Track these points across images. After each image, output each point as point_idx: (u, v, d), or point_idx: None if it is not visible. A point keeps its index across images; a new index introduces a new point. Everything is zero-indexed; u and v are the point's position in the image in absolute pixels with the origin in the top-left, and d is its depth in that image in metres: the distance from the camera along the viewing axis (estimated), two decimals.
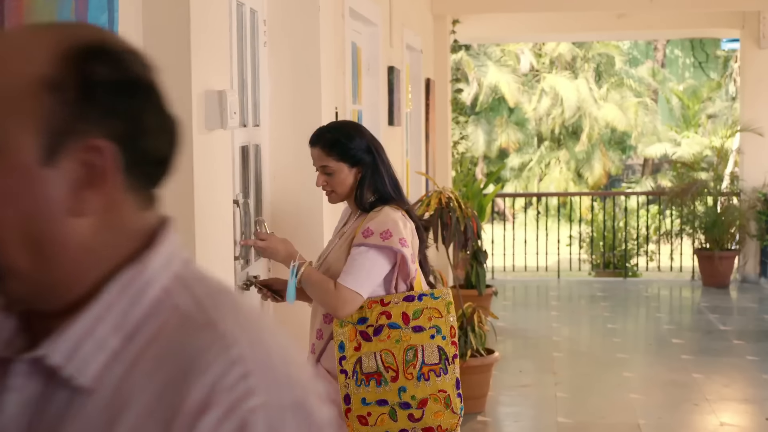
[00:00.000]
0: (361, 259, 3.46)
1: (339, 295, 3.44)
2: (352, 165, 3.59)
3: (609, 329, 9.87)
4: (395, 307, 3.49)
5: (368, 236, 3.47)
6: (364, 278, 3.45)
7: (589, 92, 25.74)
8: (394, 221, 3.49)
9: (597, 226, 14.45)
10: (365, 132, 3.70)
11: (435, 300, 3.52)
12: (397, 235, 3.46)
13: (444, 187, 7.01)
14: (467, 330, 6.81)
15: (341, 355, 3.49)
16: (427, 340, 3.47)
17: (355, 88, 6.58)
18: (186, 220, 2.90)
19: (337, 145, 3.59)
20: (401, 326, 3.48)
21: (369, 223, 3.51)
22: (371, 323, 3.48)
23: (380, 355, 3.47)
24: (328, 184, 3.63)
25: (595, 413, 6.95)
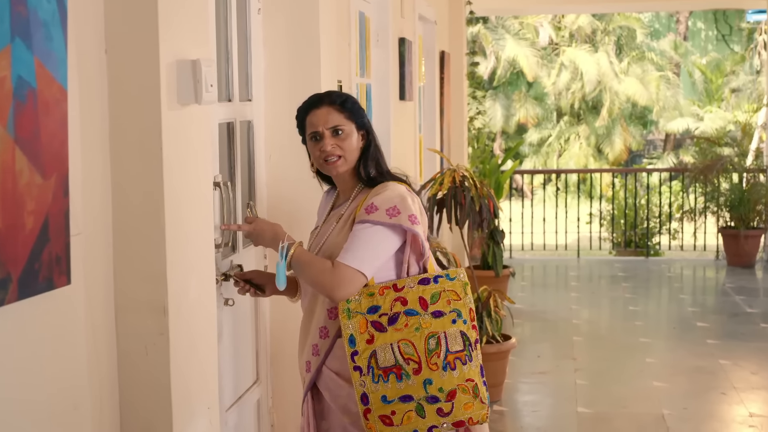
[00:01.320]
0: (363, 235, 3.12)
1: (336, 273, 3.10)
2: (359, 128, 3.30)
3: (630, 311, 9.55)
4: (410, 292, 3.15)
5: (372, 212, 3.14)
6: (366, 255, 3.11)
7: (609, 66, 25.49)
8: (401, 197, 3.17)
9: (618, 204, 14.17)
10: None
11: (451, 281, 3.18)
12: (405, 212, 3.14)
13: (458, 165, 6.67)
14: (482, 315, 6.53)
15: (353, 350, 3.13)
16: (449, 325, 3.13)
17: (363, 60, 6.25)
18: (153, 205, 2.58)
19: (349, 102, 3.29)
20: (419, 312, 3.14)
21: (373, 198, 3.18)
22: (385, 311, 3.14)
23: (398, 346, 3.12)
24: (339, 148, 3.26)
25: (616, 402, 6.63)
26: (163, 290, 2.60)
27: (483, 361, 6.36)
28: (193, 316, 2.81)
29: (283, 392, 4.31)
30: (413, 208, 3.14)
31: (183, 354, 2.73)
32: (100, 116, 2.56)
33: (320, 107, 3.28)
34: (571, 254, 13.16)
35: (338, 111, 3.27)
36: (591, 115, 26.09)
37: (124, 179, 2.59)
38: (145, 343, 2.63)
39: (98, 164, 2.54)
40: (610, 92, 25.31)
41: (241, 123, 3.97)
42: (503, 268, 9.18)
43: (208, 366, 2.95)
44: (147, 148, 2.56)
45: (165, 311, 2.60)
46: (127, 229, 2.61)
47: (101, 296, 2.56)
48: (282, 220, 4.19)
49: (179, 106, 2.68)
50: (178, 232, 2.69)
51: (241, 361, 3.96)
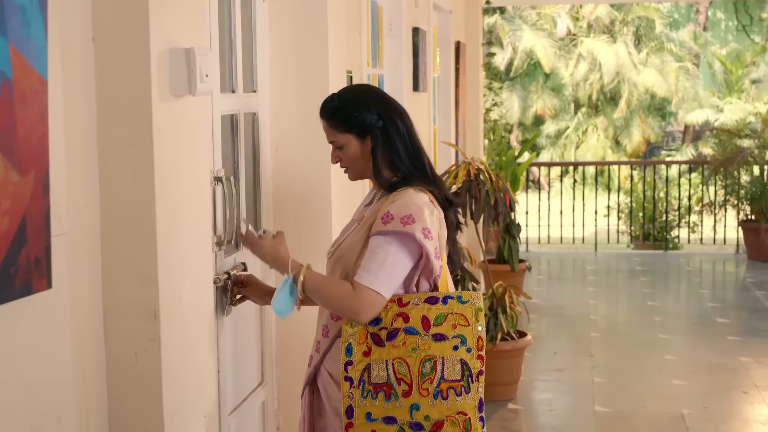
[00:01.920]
0: (381, 253, 2.94)
1: (359, 299, 2.92)
2: (360, 135, 3.10)
3: (649, 307, 9.40)
4: (415, 309, 2.98)
5: (388, 222, 2.96)
6: (386, 275, 2.93)
7: (628, 57, 25.24)
8: (418, 207, 2.98)
9: (636, 196, 14.02)
10: (374, 95, 3.19)
11: (462, 304, 3.00)
12: (420, 224, 2.94)
13: (473, 158, 6.51)
14: (497, 311, 6.40)
15: (347, 359, 2.98)
16: (448, 351, 2.96)
17: (375, 50, 6.08)
18: (144, 202, 2.43)
19: (339, 114, 3.11)
20: (420, 332, 2.97)
21: (390, 206, 3.00)
22: (385, 325, 2.97)
23: (393, 364, 2.97)
24: (342, 161, 3.15)
25: (634, 401, 6.48)
26: (154, 293, 2.45)
27: (498, 359, 6.40)
28: (187, 320, 2.65)
29: (290, 393, 4.16)
30: (429, 220, 2.95)
31: (176, 360, 2.58)
32: (87, 109, 2.40)
33: (321, 120, 3.16)
34: (589, 248, 13.03)
35: (330, 126, 3.13)
36: (609, 107, 25.91)
37: (113, 176, 2.44)
38: (135, 349, 2.47)
39: (84, 160, 2.39)
40: (629, 83, 25.09)
41: (245, 115, 3.81)
42: (519, 262, 9.03)
43: (204, 372, 2.80)
44: (137, 142, 2.41)
45: (156, 315, 2.45)
46: (115, 229, 2.46)
47: (88, 300, 2.41)
48: (289, 215, 4.05)
49: (172, 98, 2.53)
50: (171, 231, 2.54)
51: (245, 362, 3.81)
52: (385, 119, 3.09)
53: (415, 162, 3.10)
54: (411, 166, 3.09)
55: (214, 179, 3.35)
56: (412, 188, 3.04)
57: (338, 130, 3.09)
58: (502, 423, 6.11)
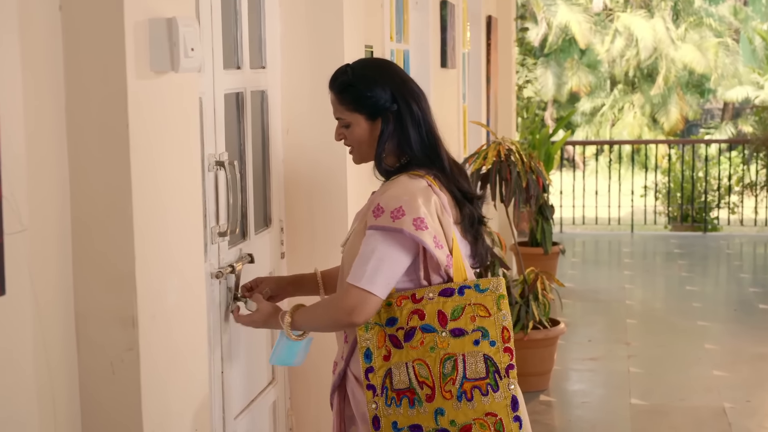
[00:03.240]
0: (371, 247, 2.67)
1: (344, 298, 2.69)
2: (370, 117, 2.80)
3: (687, 292, 9.08)
4: (429, 304, 2.69)
5: (378, 215, 2.68)
6: (376, 273, 2.65)
7: (665, 32, 24.96)
8: (410, 195, 2.68)
9: (674, 176, 13.72)
10: (392, 73, 2.87)
11: (481, 293, 2.70)
12: (411, 214, 2.64)
13: (503, 138, 6.21)
14: (529, 299, 6.13)
15: (368, 366, 2.72)
16: (469, 347, 2.66)
17: (399, 24, 5.79)
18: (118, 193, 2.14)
19: (349, 90, 2.81)
20: (437, 329, 2.68)
21: (380, 197, 2.72)
22: (401, 325, 2.70)
23: (413, 367, 2.69)
24: (347, 140, 2.87)
25: (673, 394, 6.19)
26: (131, 296, 2.16)
27: (529, 348, 6.10)
28: (174, 325, 2.36)
29: (303, 392, 3.89)
30: (423, 209, 2.66)
31: (160, 371, 2.30)
32: (53, 87, 2.11)
33: (330, 91, 2.88)
34: (625, 229, 12.73)
35: (338, 101, 2.85)
36: (646, 84, 25.67)
37: (83, 163, 2.14)
38: (111, 359, 2.19)
39: (50, 146, 2.10)
40: (666, 59, 24.86)
41: (252, 93, 3.52)
42: (553, 244, 8.76)
43: (196, 381, 2.51)
44: (110, 125, 2.11)
45: (134, 321, 2.16)
46: (87, 224, 2.17)
47: (55, 306, 2.12)
48: (301, 203, 3.77)
49: (152, 75, 2.23)
50: (151, 224, 2.25)
51: (254, 361, 3.53)
52: (399, 102, 2.79)
53: (429, 152, 2.79)
54: (423, 157, 2.78)
55: (215, 164, 3.07)
56: (407, 174, 2.75)
57: (347, 107, 2.82)
58: (533, 416, 5.82)
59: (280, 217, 3.78)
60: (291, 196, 3.80)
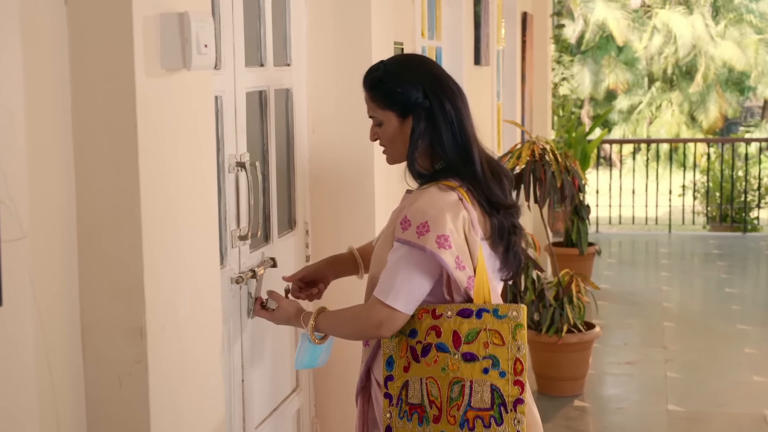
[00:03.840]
0: (394, 264, 2.58)
1: (370, 315, 2.60)
2: (401, 114, 2.68)
3: (726, 294, 8.89)
4: (446, 323, 2.58)
5: (405, 228, 2.56)
6: (402, 289, 2.56)
7: (705, 29, 24.67)
8: (438, 209, 2.56)
9: (713, 175, 13.48)
10: (425, 69, 2.74)
11: (498, 320, 2.56)
12: (435, 231, 2.53)
13: (538, 137, 6.07)
14: (563, 301, 5.98)
15: (388, 374, 2.65)
16: (478, 374, 2.55)
17: (432, 20, 5.66)
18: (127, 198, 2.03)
19: (380, 87, 2.70)
20: (450, 350, 2.57)
21: (408, 209, 2.59)
22: (420, 339, 2.61)
23: (426, 384, 2.60)
24: (380, 139, 2.75)
25: (711, 400, 6.03)
26: (139, 306, 2.05)
27: (563, 352, 5.95)
28: (186, 336, 2.25)
29: (328, 399, 3.78)
30: (449, 226, 2.54)
31: (170, 384, 2.19)
32: (58, 85, 2.00)
33: (363, 89, 2.77)
34: (662, 229, 12.55)
35: (370, 98, 2.74)
36: (684, 81, 25.41)
37: (89, 166, 2.03)
38: (119, 372, 2.08)
39: (55, 148, 1.99)
40: (705, 57, 24.58)
41: (276, 92, 3.41)
42: (588, 245, 8.60)
43: (209, 397, 2.40)
44: (118, 125, 2.00)
45: (142, 333, 2.05)
46: (93, 230, 2.06)
47: (59, 316, 2.01)
48: (327, 204, 3.66)
49: (163, 73, 2.11)
50: (162, 230, 2.13)
51: (278, 367, 3.42)
52: (431, 99, 2.66)
53: (462, 153, 2.65)
54: (456, 158, 2.65)
55: (236, 165, 2.97)
56: (438, 185, 2.62)
57: (378, 104, 2.70)
58: (567, 422, 5.69)
59: (306, 219, 3.67)
60: (317, 197, 3.69)
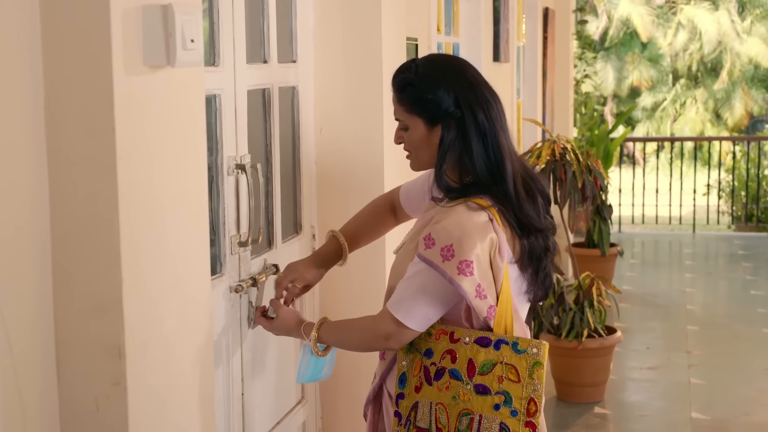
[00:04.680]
0: (413, 277, 2.43)
1: (378, 326, 2.47)
2: (429, 121, 2.48)
3: (752, 297, 8.68)
4: (463, 349, 2.42)
5: (429, 247, 2.39)
6: (411, 305, 2.42)
7: (731, 25, 24.57)
8: (465, 232, 2.37)
9: (738, 174, 13.20)
10: (460, 74, 2.50)
11: (516, 354, 2.39)
12: (459, 256, 2.35)
13: (558, 136, 5.88)
14: (584, 305, 5.80)
15: (400, 391, 2.50)
16: (488, 409, 2.38)
17: (449, 16, 5.50)
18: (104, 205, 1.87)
19: (409, 91, 2.50)
20: (463, 378, 2.41)
21: (434, 227, 2.41)
22: (434, 361, 2.45)
23: (435, 409, 2.44)
24: (405, 144, 2.56)
25: (737, 407, 5.84)
26: (117, 323, 1.89)
27: (584, 358, 5.77)
28: (171, 354, 2.09)
29: (337, 411, 3.62)
30: (476, 250, 2.36)
31: (153, 406, 2.03)
32: (30, 84, 1.85)
33: (392, 88, 2.57)
34: (686, 229, 12.32)
35: (398, 100, 2.54)
36: (709, 78, 25.25)
37: (64, 172, 1.88)
38: (96, 395, 1.92)
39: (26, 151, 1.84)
40: (731, 53, 24.44)
41: (281, 90, 3.25)
42: (610, 246, 8.41)
43: (198, 416, 2.24)
44: (94, 127, 1.84)
45: (120, 352, 1.90)
46: (67, 240, 1.90)
47: (31, 334, 1.86)
48: (335, 208, 3.50)
49: (146, 70, 1.95)
50: (144, 240, 1.98)
51: (281, 379, 3.26)
52: (464, 108, 2.44)
53: (493, 170, 2.45)
54: (486, 174, 2.46)
55: (236, 167, 2.81)
56: (467, 203, 2.43)
57: (405, 108, 2.51)
58: (587, 430, 5.54)
59: (312, 223, 3.51)
60: (324, 200, 3.53)
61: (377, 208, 2.98)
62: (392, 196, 2.97)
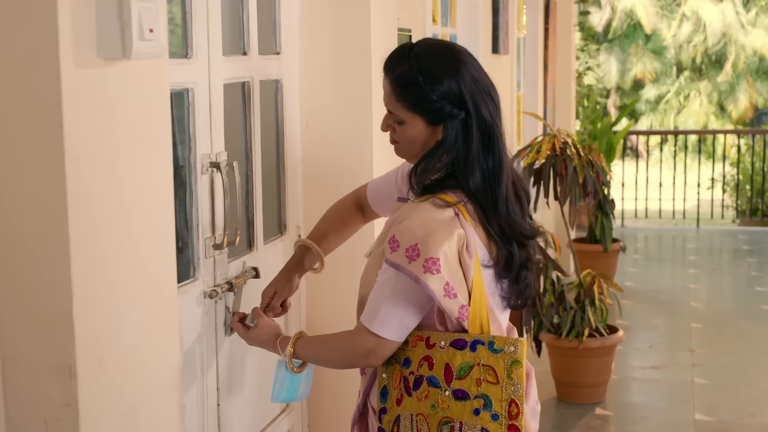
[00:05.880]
0: (383, 285, 2.28)
1: (357, 342, 2.32)
2: (431, 122, 2.30)
3: (757, 293, 8.53)
4: (439, 354, 2.27)
5: (395, 249, 2.23)
6: (387, 315, 2.27)
7: (735, 16, 24.49)
8: (429, 230, 2.22)
9: (743, 167, 13.06)
10: (465, 69, 2.30)
11: (493, 354, 2.24)
12: (425, 254, 2.19)
13: (559, 130, 5.73)
14: (585, 304, 5.65)
15: (382, 406, 2.35)
16: (468, 415, 2.23)
17: (446, 6, 5.35)
18: (51, 210, 1.70)
19: (410, 89, 2.29)
20: (441, 385, 2.26)
21: (397, 228, 2.25)
22: (413, 369, 2.30)
23: (416, 421, 2.29)
24: (396, 133, 2.37)
25: (741, 409, 5.71)
26: (67, 340, 1.73)
27: (584, 358, 5.61)
28: (129, 372, 1.93)
29: (324, 417, 3.46)
30: (442, 247, 2.20)
31: (109, 428, 1.87)
32: None
33: (384, 77, 2.37)
34: (690, 223, 12.17)
35: (396, 96, 2.33)
36: (713, 70, 25.15)
37: (7, 174, 1.72)
38: (45, 417, 1.77)
39: None
40: (736, 45, 24.34)
41: (262, 83, 3.08)
42: (613, 241, 8.26)
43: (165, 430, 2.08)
44: (40, 125, 1.68)
45: (71, 371, 1.74)
46: (11, 250, 1.74)
47: None
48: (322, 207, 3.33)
49: (99, 62, 1.78)
50: (98, 249, 1.81)
51: (263, 387, 3.11)
52: (469, 107, 2.27)
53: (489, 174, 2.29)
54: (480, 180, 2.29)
55: (210, 165, 2.65)
56: (433, 201, 2.28)
57: (405, 105, 2.31)
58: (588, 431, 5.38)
59: (298, 223, 3.35)
60: (311, 199, 3.37)
61: (342, 207, 2.84)
62: (358, 193, 2.83)
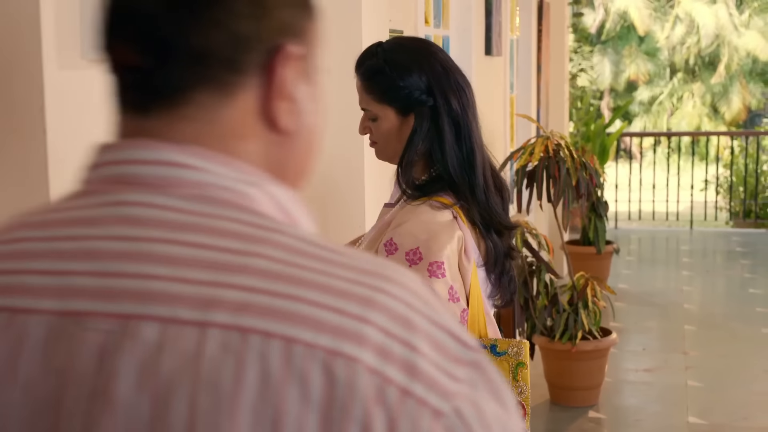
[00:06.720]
0: None
1: None
2: (402, 111, 2.31)
3: (750, 295, 8.53)
4: None
5: (392, 253, 2.20)
6: None
7: (728, 18, 24.38)
8: (431, 233, 2.20)
9: (736, 169, 13.07)
10: (431, 57, 2.34)
11: (497, 357, 2.25)
12: (428, 258, 2.18)
13: (552, 132, 5.72)
14: (578, 306, 5.64)
15: None
16: None
17: (438, 7, 5.33)
18: None
19: (378, 79, 2.31)
20: None
21: (396, 231, 2.23)
22: None
23: None
24: (372, 133, 2.37)
25: (735, 412, 5.69)
26: None
27: (577, 360, 5.60)
28: None
29: None
30: (445, 251, 2.19)
31: None
32: None
33: (356, 75, 2.37)
34: (683, 225, 12.18)
35: (366, 89, 2.34)
36: (707, 72, 25.19)
37: None
38: None
39: None
40: (729, 47, 24.32)
41: None
42: (606, 243, 8.25)
43: None
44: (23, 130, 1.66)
45: None
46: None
47: None
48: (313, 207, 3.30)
49: (84, 65, 1.77)
50: None
51: None
52: (437, 95, 2.28)
53: (463, 161, 2.27)
54: (456, 165, 2.27)
55: None
56: (430, 203, 2.25)
57: (374, 97, 2.32)
58: None
59: None
60: None
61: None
62: None
